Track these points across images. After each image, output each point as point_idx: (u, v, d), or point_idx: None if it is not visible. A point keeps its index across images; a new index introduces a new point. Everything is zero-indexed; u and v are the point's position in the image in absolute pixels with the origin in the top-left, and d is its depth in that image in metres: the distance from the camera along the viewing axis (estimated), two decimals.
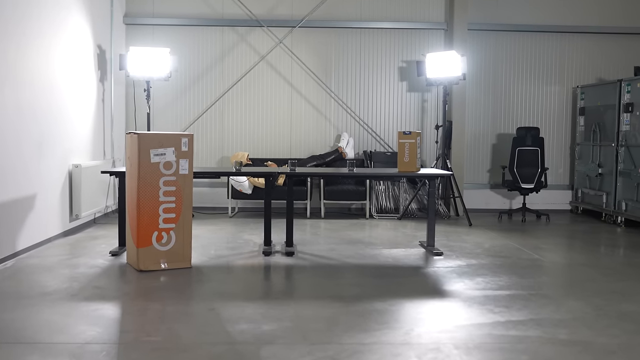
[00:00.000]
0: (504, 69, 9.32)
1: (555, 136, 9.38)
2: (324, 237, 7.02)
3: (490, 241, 6.81)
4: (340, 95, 9.21)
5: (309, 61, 9.16)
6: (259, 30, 9.13)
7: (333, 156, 8.82)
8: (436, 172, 6.05)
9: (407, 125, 9.27)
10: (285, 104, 9.22)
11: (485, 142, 9.38)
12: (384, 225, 7.97)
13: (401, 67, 9.22)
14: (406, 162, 6.03)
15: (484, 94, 9.33)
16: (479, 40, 9.22)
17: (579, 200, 9.09)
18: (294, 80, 9.21)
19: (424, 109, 9.25)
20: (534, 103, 9.36)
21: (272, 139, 9.24)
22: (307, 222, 8.16)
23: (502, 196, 9.35)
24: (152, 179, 5.18)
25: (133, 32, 9.06)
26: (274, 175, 6.01)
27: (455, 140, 8.91)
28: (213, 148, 9.20)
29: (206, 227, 7.57)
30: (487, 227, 7.88)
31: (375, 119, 9.27)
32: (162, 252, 5.27)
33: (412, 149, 6.01)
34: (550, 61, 9.34)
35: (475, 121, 9.33)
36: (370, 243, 6.63)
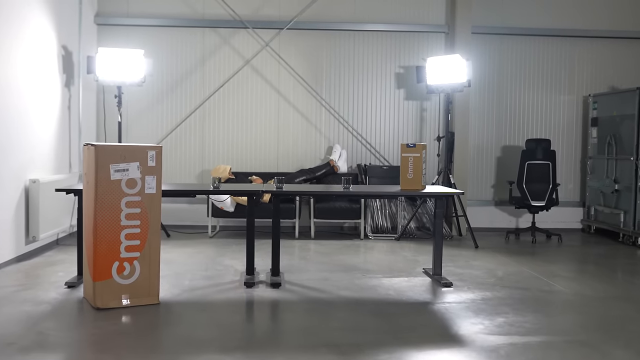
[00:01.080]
0: (509, 76, 8.60)
1: (565, 149, 8.66)
2: (314, 262, 6.22)
3: (503, 267, 6.04)
4: (331, 104, 8.44)
5: (297, 66, 8.39)
6: (244, 32, 8.35)
7: (324, 170, 8.03)
8: (445, 191, 5.28)
9: (404, 137, 8.51)
10: (272, 112, 8.44)
11: (490, 155, 8.64)
12: (381, 247, 7.18)
13: (398, 74, 8.47)
14: (410, 179, 5.25)
15: (487, 102, 8.59)
16: (482, 44, 8.49)
17: (592, 218, 8.35)
18: (282, 87, 8.43)
19: (423, 118, 8.50)
20: (542, 113, 8.64)
21: (257, 151, 8.45)
22: (295, 243, 7.35)
23: (508, 214, 8.60)
24: (112, 199, 4.36)
25: (105, 33, 8.24)
26: (257, 194, 5.21)
27: (457, 153, 8.16)
28: (193, 161, 8.39)
29: (182, 250, 6.74)
30: (494, 249, 7.11)
31: (370, 130, 8.51)
32: (124, 286, 4.44)
33: (417, 164, 5.24)
34: (559, 68, 8.63)
35: (479, 132, 8.59)
36: (368, 270, 5.84)
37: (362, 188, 6.05)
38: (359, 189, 5.75)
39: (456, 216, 7.78)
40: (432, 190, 5.33)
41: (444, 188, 5.70)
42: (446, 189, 5.62)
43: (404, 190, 5.21)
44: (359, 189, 5.52)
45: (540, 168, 7.64)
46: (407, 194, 5.25)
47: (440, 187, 5.73)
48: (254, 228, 5.40)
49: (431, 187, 5.63)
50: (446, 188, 5.69)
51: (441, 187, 5.78)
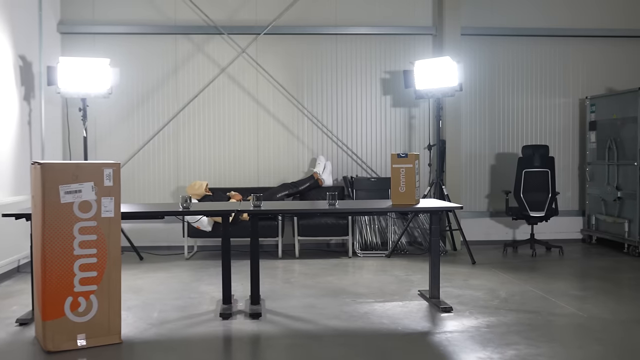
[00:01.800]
0: (502, 79, 8.13)
1: (562, 155, 8.19)
2: (299, 285, 5.66)
3: (505, 286, 5.52)
4: (314, 113, 7.92)
5: (277, 73, 7.87)
6: (218, 39, 7.82)
7: (308, 184, 7.49)
8: (442, 205, 4.75)
9: (393, 146, 7.99)
10: (250, 123, 7.90)
11: (483, 163, 8.15)
12: (371, 265, 6.64)
13: (384, 79, 7.97)
14: (402, 194, 4.73)
15: (480, 108, 8.11)
16: (472, 46, 8.02)
17: (593, 228, 7.88)
18: (261, 96, 7.90)
19: (411, 126, 8.00)
20: (537, 117, 8.18)
21: (236, 165, 7.89)
22: (278, 264, 6.79)
23: (504, 225, 8.10)
24: (63, 225, 3.79)
25: (70, 42, 7.67)
26: (230, 214, 4.66)
27: (449, 162, 7.66)
28: (167, 177, 7.82)
29: (155, 275, 6.16)
30: (493, 264, 6.60)
31: (355, 140, 7.99)
32: (80, 325, 3.86)
33: (410, 176, 4.72)
34: (554, 69, 8.18)
35: (471, 140, 8.10)
36: (358, 294, 5.29)
37: (350, 204, 5.51)
38: (346, 205, 5.21)
39: (450, 230, 7.27)
40: (428, 204, 4.81)
41: (439, 202, 5.18)
42: (442, 202, 5.10)
43: (396, 205, 4.69)
44: (346, 205, 4.98)
45: (539, 176, 7.16)
46: (400, 209, 4.74)
47: (435, 201, 5.21)
48: (230, 251, 4.85)
49: (425, 201, 5.11)
50: (441, 202, 5.17)
51: (435, 200, 5.25)
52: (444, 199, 7.05)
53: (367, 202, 5.38)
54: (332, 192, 4.76)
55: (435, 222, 4.83)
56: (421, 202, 4.98)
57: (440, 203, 4.99)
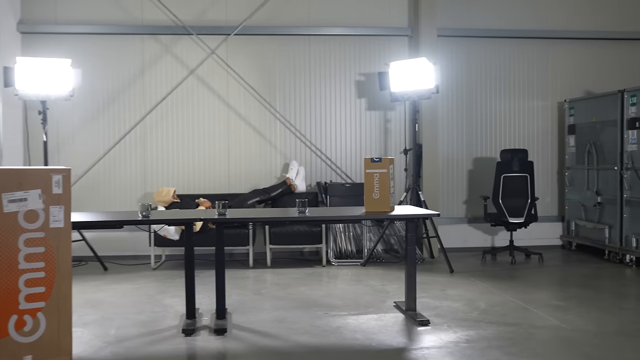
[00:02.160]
0: (479, 82, 7.94)
1: (541, 159, 8.02)
2: (269, 297, 5.38)
3: (484, 297, 5.29)
4: (287, 116, 7.65)
5: (248, 75, 7.60)
6: (187, 39, 7.52)
7: (280, 190, 7.22)
8: (418, 213, 4.51)
9: (368, 151, 7.75)
10: (221, 127, 7.60)
11: (460, 168, 7.95)
12: (345, 274, 6.38)
13: (359, 81, 7.74)
14: (376, 200, 4.48)
15: (457, 111, 7.91)
16: (449, 48, 7.82)
17: (572, 234, 7.71)
18: (231, 99, 7.61)
19: (387, 130, 7.77)
20: (515, 121, 8.00)
21: (206, 171, 7.59)
22: (249, 273, 6.51)
23: (482, 232, 7.90)
24: (7, 237, 3.47)
25: (31, 42, 7.32)
26: (194, 223, 4.37)
27: (426, 167, 7.44)
28: (134, 183, 7.49)
29: (118, 287, 5.84)
30: (472, 273, 6.38)
31: (329, 144, 7.74)
32: (26, 345, 3.54)
33: (384, 182, 4.47)
34: (532, 71, 8.01)
35: (449, 143, 7.89)
36: (331, 306, 5.03)
37: (321, 211, 5.24)
38: (317, 212, 4.95)
39: (427, 237, 7.04)
40: (403, 212, 4.57)
41: (415, 209, 4.93)
42: (418, 209, 4.86)
43: (370, 213, 4.43)
44: (317, 213, 4.71)
45: (518, 181, 6.97)
46: (374, 217, 4.50)
47: (410, 208, 4.96)
48: (194, 261, 4.55)
49: (400, 208, 4.86)
50: (417, 209, 4.92)
51: (411, 207, 5.01)
52: (420, 205, 6.83)
53: (339, 209, 5.12)
54: (302, 199, 4.49)
55: (411, 230, 4.59)
56: (396, 209, 4.73)
57: (416, 210, 4.75)
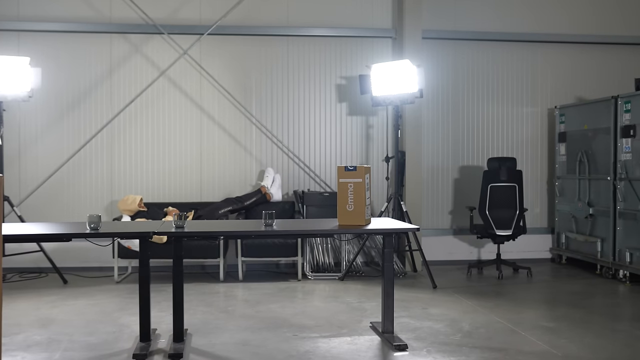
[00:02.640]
0: (466, 87, 7.58)
1: (530, 168, 7.66)
2: (236, 315, 4.97)
3: (468, 316, 4.90)
4: (263, 121, 7.25)
5: (223, 78, 7.19)
6: (158, 39, 7.12)
7: (254, 199, 6.81)
8: (396, 227, 4.11)
9: (349, 158, 7.37)
10: (193, 132, 7.19)
11: (446, 177, 7.57)
12: (322, 289, 5.98)
13: (339, 85, 7.36)
14: (350, 212, 4.08)
15: (442, 117, 7.54)
16: (435, 51, 7.46)
17: (562, 247, 7.34)
18: (205, 102, 7.21)
19: (369, 136, 7.39)
20: (503, 128, 7.64)
21: (177, 178, 7.17)
22: (219, 288, 6.09)
23: (468, 244, 7.52)
24: None
25: None
26: (149, 236, 3.95)
27: (409, 175, 7.06)
28: (100, 190, 7.05)
29: (74, 303, 5.40)
30: (456, 288, 6.00)
31: (308, 151, 7.34)
32: None
33: (359, 192, 4.08)
34: (520, 76, 7.66)
35: (433, 151, 7.52)
36: (302, 326, 4.62)
37: (291, 224, 4.79)
38: (286, 225, 4.52)
39: (410, 250, 6.64)
40: (379, 225, 4.17)
41: (393, 222, 4.52)
42: (397, 223, 4.45)
43: (343, 227, 4.04)
44: (285, 226, 4.30)
45: (505, 191, 6.59)
46: (347, 231, 4.10)
47: (388, 221, 4.55)
48: (149, 280, 4.14)
49: (378, 221, 4.46)
50: (396, 222, 4.51)
51: (389, 220, 4.60)
52: (402, 217, 6.44)
53: (311, 222, 4.69)
54: (269, 211, 4.09)
55: (389, 246, 4.19)
56: (373, 222, 4.33)
57: (394, 224, 4.35)
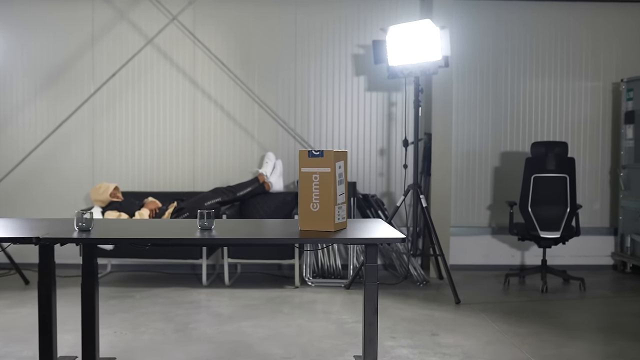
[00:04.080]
0: (509, 56, 6.29)
1: (587, 155, 6.32)
2: (193, 337, 3.96)
3: (490, 349, 3.73)
4: (267, 99, 6.20)
5: (219, 48, 6.18)
6: (146, 3, 6.15)
7: (249, 189, 5.79)
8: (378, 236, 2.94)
9: (366, 142, 6.24)
10: (186, 110, 6.23)
11: (483, 165, 6.33)
12: (319, 300, 4.91)
13: (356, 56, 6.22)
14: (315, 214, 2.97)
15: (479, 93, 6.29)
16: (471, 12, 6.20)
17: (627, 252, 6.01)
18: (199, 76, 6.22)
19: (391, 115, 6.23)
20: (554, 106, 6.32)
21: (167, 163, 6.23)
22: (196, 295, 5.10)
23: (509, 245, 6.27)
24: None
25: None
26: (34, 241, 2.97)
27: (436, 163, 5.87)
28: (79, 177, 6.19)
29: (18, 311, 4.54)
30: (485, 304, 4.81)
31: (318, 133, 6.26)
32: None
33: (327, 187, 2.96)
34: (579, 44, 6.30)
35: (468, 134, 6.29)
36: (266, 356, 3.57)
37: (240, 227, 3.52)
38: (233, 227, 3.37)
39: (435, 255, 5.46)
40: (355, 233, 3.03)
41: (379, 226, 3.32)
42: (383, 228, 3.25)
43: (305, 233, 2.93)
44: (226, 232, 3.17)
45: (553, 183, 5.33)
46: (307, 240, 2.99)
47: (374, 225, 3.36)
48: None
49: (358, 225, 3.29)
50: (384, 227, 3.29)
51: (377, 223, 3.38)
52: (425, 214, 5.28)
53: (267, 225, 3.50)
54: (206, 210, 3.03)
55: (371, 259, 3.04)
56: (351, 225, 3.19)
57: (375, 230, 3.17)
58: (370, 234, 2.98)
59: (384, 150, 6.22)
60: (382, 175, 6.24)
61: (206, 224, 3.01)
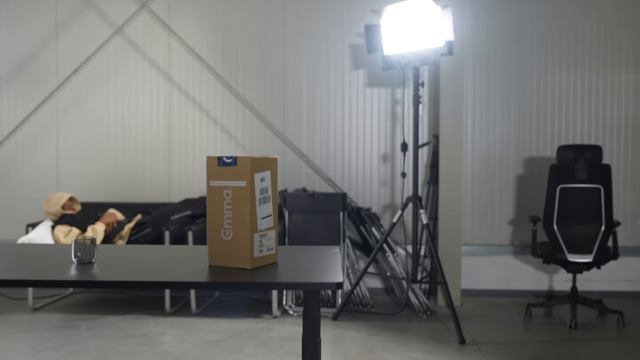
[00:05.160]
0: (535, 44, 5.34)
1: (628, 162, 5.33)
2: None
3: None
4: (252, 98, 5.42)
5: (198, 41, 5.43)
6: None
7: None
8: (307, 280, 2.09)
9: (367, 146, 5.38)
10: (160, 109, 5.49)
11: (504, 172, 5.40)
12: (297, 336, 4.08)
13: (354, 46, 5.38)
14: (226, 244, 2.14)
15: (499, 87, 5.37)
16: None
17: None
18: (175, 71, 5.48)
19: (395, 115, 5.36)
20: (590, 104, 5.35)
21: (138, 169, 5.50)
22: (157, 325, 4.32)
23: (534, 267, 5.31)
24: None
25: None
26: None
27: (445, 170, 4.98)
28: (43, 183, 5.52)
29: None
30: (496, 345, 3.91)
31: (311, 137, 5.44)
32: None
33: (242, 206, 2.13)
34: (617, 29, 5.32)
35: (484, 136, 5.37)
36: None
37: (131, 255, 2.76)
38: (120, 258, 2.56)
39: (444, 283, 4.54)
40: (282, 273, 2.18)
41: (328, 260, 2.45)
42: (331, 264, 2.40)
43: (214, 271, 2.10)
44: (108, 266, 2.36)
45: (584, 195, 4.38)
46: (211, 285, 2.14)
47: (321, 256, 2.49)
48: None
49: (298, 256, 2.43)
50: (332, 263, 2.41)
51: (328, 254, 2.48)
52: (429, 231, 4.40)
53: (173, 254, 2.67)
54: (88, 238, 2.23)
55: (313, 306, 2.20)
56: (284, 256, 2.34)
57: (321, 265, 2.32)
58: (304, 273, 2.14)
59: (387, 156, 5.36)
60: (385, 185, 5.37)
61: (83, 256, 2.21)
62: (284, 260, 2.25)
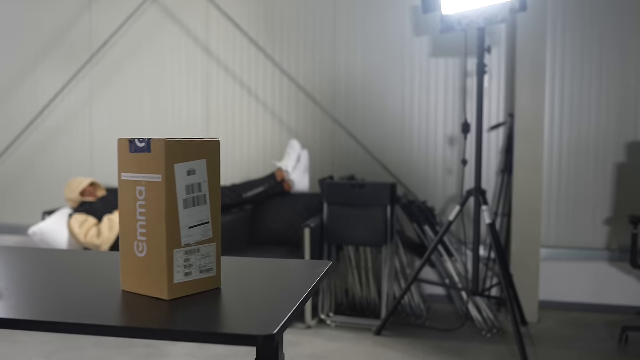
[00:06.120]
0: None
1: None
2: None
3: None
4: (297, 73, 4.74)
5: (237, 8, 4.81)
6: None
7: (261, 189, 4.36)
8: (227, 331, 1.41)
9: (433, 126, 4.57)
10: (198, 85, 4.94)
11: (600, 161, 4.43)
12: (328, 355, 3.40)
13: (415, 8, 4.56)
14: (140, 262, 1.49)
15: (597, 52, 4.38)
16: None
17: None
18: (213, 43, 4.89)
19: (467, 90, 4.51)
20: None
21: None
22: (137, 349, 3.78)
23: (636, 278, 4.34)
24: None
25: None
26: None
27: (521, 156, 4.09)
28: (78, 166, 5.12)
29: None
30: None
31: (367, 114, 4.69)
32: None
33: (156, 210, 1.45)
34: None
35: (574, 116, 4.41)
36: None
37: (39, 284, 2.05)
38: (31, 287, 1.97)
39: (513, 299, 3.68)
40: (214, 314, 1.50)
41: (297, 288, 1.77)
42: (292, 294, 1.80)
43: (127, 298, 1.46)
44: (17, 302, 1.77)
45: None
46: (117, 331, 1.49)
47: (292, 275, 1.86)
48: None
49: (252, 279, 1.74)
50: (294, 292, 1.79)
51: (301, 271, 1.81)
52: (494, 231, 3.57)
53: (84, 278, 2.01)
54: None
55: None
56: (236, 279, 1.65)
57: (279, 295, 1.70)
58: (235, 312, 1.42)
59: (455, 139, 4.52)
60: (452, 174, 4.54)
61: None
62: (233, 284, 1.53)
